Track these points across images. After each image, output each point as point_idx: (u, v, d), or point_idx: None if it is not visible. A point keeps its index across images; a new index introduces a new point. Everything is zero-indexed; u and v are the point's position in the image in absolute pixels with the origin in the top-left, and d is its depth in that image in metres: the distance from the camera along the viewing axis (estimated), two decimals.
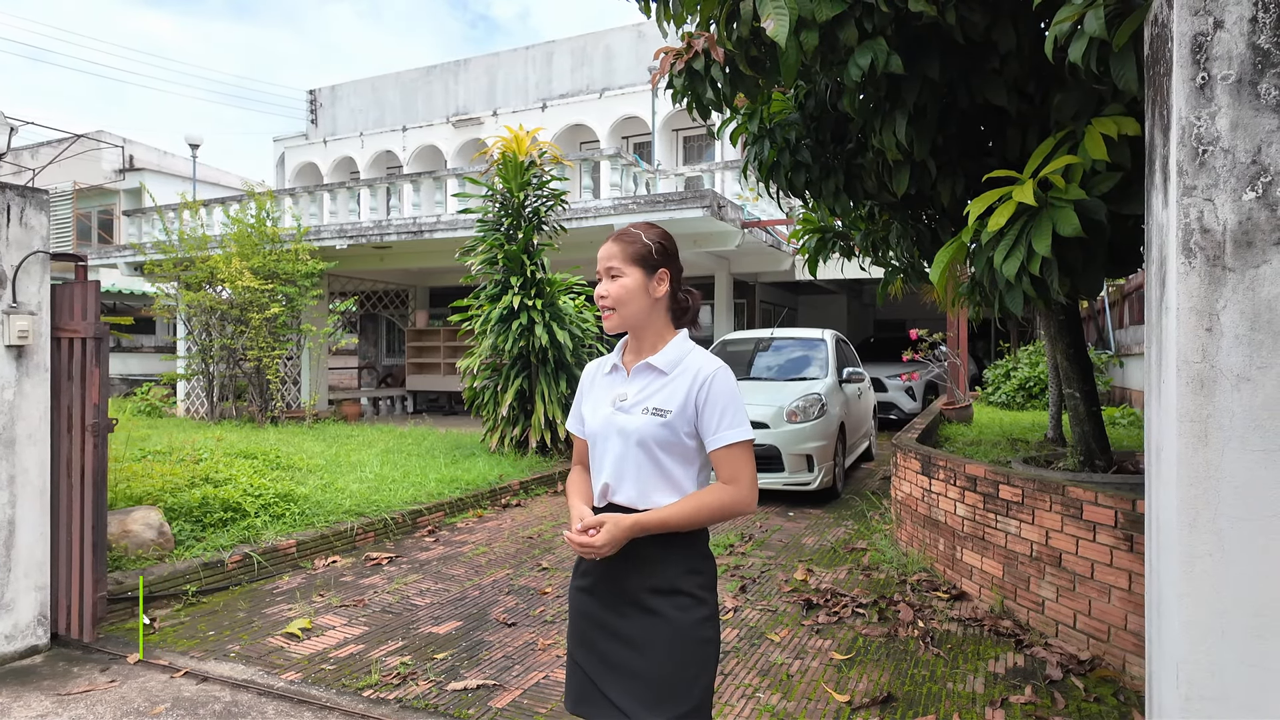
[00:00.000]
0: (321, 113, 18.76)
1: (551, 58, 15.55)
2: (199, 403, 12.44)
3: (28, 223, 3.30)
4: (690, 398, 1.56)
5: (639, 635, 1.55)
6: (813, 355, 7.66)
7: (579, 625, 1.65)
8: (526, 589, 4.26)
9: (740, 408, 1.57)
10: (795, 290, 15.10)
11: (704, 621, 1.56)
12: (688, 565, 1.57)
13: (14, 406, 3.24)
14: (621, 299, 1.61)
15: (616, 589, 1.59)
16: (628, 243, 1.63)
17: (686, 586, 1.56)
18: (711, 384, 1.55)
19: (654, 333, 1.65)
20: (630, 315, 1.63)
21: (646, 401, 1.59)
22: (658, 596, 1.55)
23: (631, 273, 1.61)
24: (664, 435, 1.55)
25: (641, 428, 1.56)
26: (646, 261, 1.62)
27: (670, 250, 1.67)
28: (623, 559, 1.56)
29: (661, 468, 1.57)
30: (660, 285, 1.63)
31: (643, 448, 1.57)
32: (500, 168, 7.96)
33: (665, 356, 1.62)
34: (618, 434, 1.60)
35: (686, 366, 1.59)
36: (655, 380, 1.61)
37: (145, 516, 4.23)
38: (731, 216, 9.17)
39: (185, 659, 3.28)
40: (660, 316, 1.65)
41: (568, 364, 8.12)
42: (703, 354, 1.63)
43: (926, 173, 3.96)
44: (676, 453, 1.57)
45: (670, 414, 1.55)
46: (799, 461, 6.38)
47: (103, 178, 19.68)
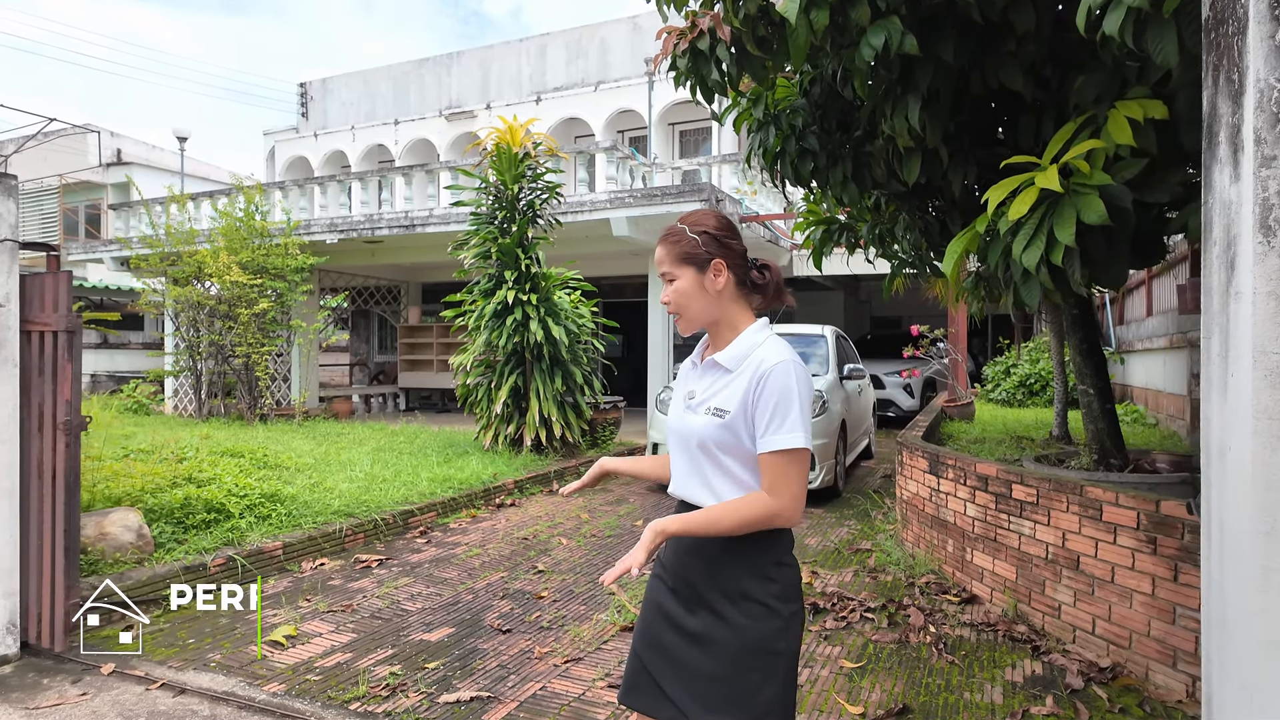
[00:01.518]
0: (312, 106, 18.52)
1: (546, 50, 15.35)
2: (187, 400, 12.23)
3: None
4: (750, 396, 1.44)
5: (705, 634, 1.47)
6: (812, 352, 7.52)
7: (647, 613, 1.59)
8: (522, 593, 4.10)
9: (796, 411, 1.40)
10: (792, 286, 14.95)
11: (776, 633, 1.44)
12: (756, 570, 1.46)
13: None
14: (680, 302, 1.53)
15: (687, 584, 1.52)
16: (673, 242, 1.53)
17: (758, 594, 1.45)
18: (767, 380, 1.42)
19: (727, 324, 1.55)
20: (696, 315, 1.54)
21: (710, 400, 1.49)
22: (726, 601, 1.46)
23: (684, 273, 1.52)
24: (724, 438, 1.45)
25: (702, 429, 1.47)
26: (696, 258, 1.51)
27: (722, 236, 1.54)
28: (691, 554, 1.51)
29: (725, 469, 1.47)
30: (718, 277, 1.52)
31: (704, 450, 1.48)
32: (494, 159, 7.79)
33: (731, 351, 1.51)
34: (684, 434, 1.53)
35: (752, 361, 1.46)
36: (721, 377, 1.51)
37: (123, 518, 4.05)
38: (730, 211, 9.02)
39: (163, 669, 3.12)
40: (731, 306, 1.54)
41: (563, 360, 7.96)
42: (772, 346, 1.48)
43: (938, 161, 3.81)
44: (739, 455, 1.46)
45: (730, 414, 1.44)
46: None
47: (90, 172, 19.39)
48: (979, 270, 5.46)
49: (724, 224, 1.56)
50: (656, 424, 6.92)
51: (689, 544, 1.51)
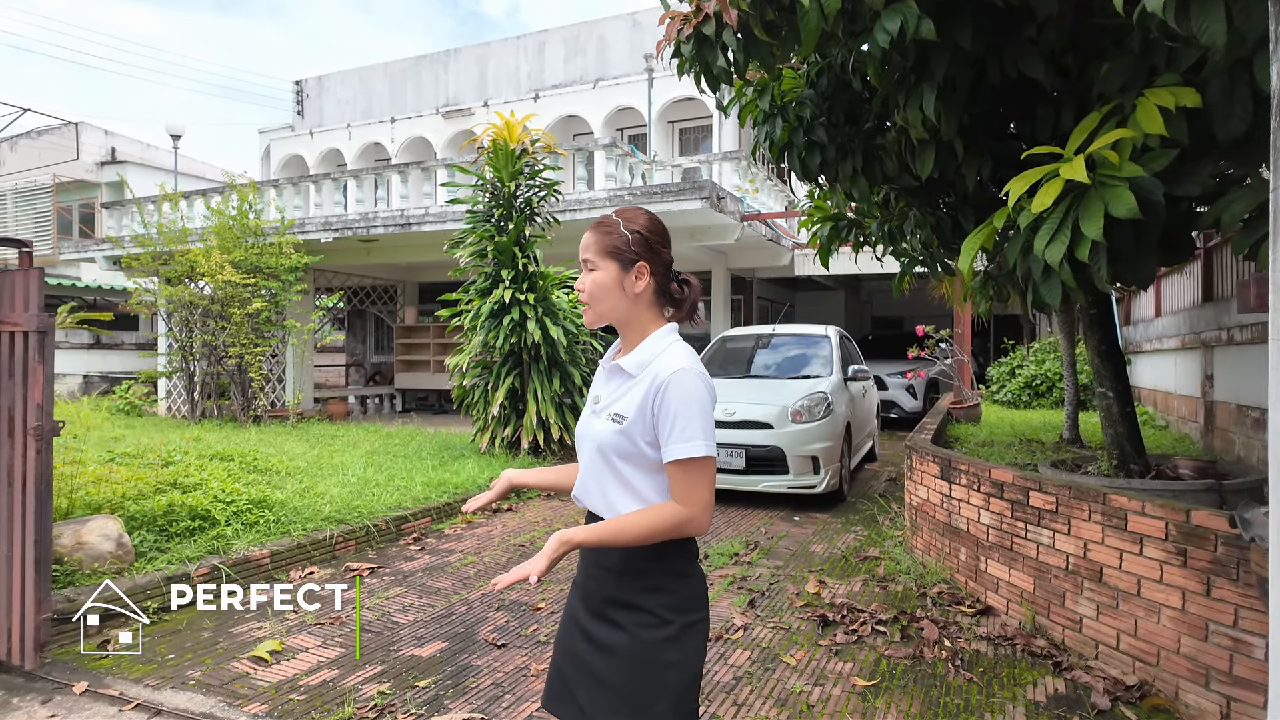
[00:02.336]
0: (308, 104, 18.33)
1: (544, 47, 15.19)
2: (180, 401, 12.05)
3: None
4: (648, 404, 1.41)
5: (607, 643, 1.46)
6: (816, 352, 7.37)
7: (565, 619, 1.59)
8: (518, 604, 3.94)
9: (697, 418, 1.37)
10: (793, 286, 14.81)
11: (664, 644, 1.42)
12: (648, 581, 1.44)
13: None
14: (594, 294, 1.49)
15: (591, 593, 1.51)
16: (604, 232, 1.49)
17: (647, 604, 1.43)
18: (667, 389, 1.38)
19: (637, 329, 1.51)
20: (605, 312, 1.50)
21: (612, 405, 1.47)
22: (620, 610, 1.45)
23: (605, 266, 1.47)
24: (621, 444, 1.42)
25: (600, 434, 1.46)
26: (621, 254, 1.47)
27: (653, 240, 1.50)
28: (594, 564, 1.50)
29: (621, 478, 1.45)
30: (639, 280, 1.48)
31: (602, 456, 1.46)
32: (490, 156, 7.63)
33: (635, 357, 1.48)
34: (586, 440, 1.51)
35: (653, 369, 1.43)
36: (625, 382, 1.48)
37: (103, 526, 3.89)
38: (731, 209, 8.86)
39: (138, 688, 2.95)
40: (645, 312, 1.51)
41: (561, 361, 7.81)
42: (674, 354, 1.44)
43: (952, 153, 3.65)
44: (637, 463, 1.43)
45: (627, 420, 1.42)
46: (804, 463, 6.09)
47: (84, 171, 19.19)
48: (988, 269, 5.32)
49: (658, 228, 1.52)
50: None
51: (594, 552, 1.50)
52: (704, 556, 4.75)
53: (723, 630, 3.54)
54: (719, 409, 6.33)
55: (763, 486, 6.13)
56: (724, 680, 3.05)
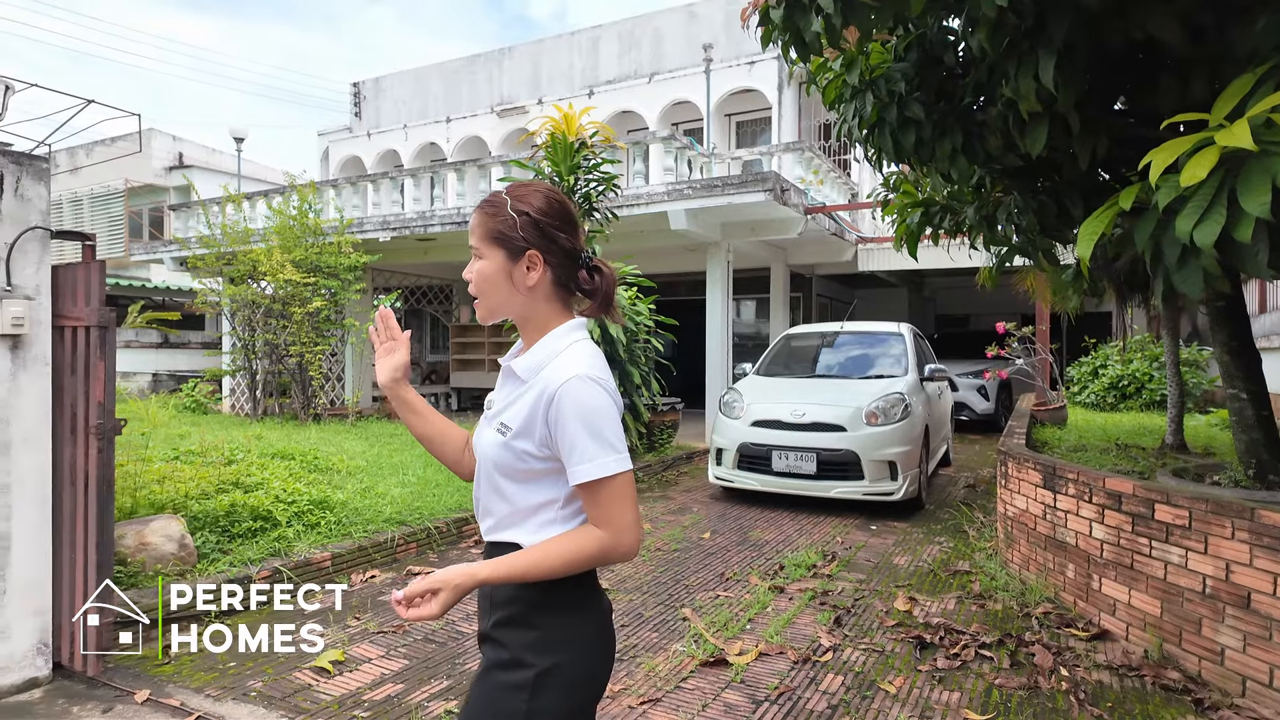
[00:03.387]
0: (365, 106, 18.58)
1: (598, 43, 15.03)
2: (243, 399, 12.26)
3: (24, 194, 2.88)
4: (538, 415, 1.21)
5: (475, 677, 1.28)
6: (889, 351, 6.99)
7: None
8: None
9: (601, 432, 1.18)
10: (852, 283, 14.33)
11: (508, 692, 1.19)
12: (511, 610, 1.23)
13: (7, 405, 2.82)
14: (480, 287, 1.27)
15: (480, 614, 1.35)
16: (488, 214, 1.26)
17: (503, 638, 1.23)
18: (559, 402, 1.18)
19: (536, 326, 1.29)
20: (496, 307, 1.29)
21: (500, 415, 1.27)
22: (484, 643, 1.29)
23: (491, 255, 1.25)
24: (503, 458, 1.24)
25: (487, 446, 1.27)
26: (508, 241, 1.24)
27: (547, 224, 1.25)
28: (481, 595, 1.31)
29: (504, 495, 1.26)
30: (530, 271, 1.25)
31: (484, 471, 1.29)
32: (548, 150, 7.46)
33: (527, 359, 1.27)
34: (477, 449, 1.32)
35: (543, 375, 1.22)
36: (515, 389, 1.28)
37: (165, 527, 3.81)
38: (795, 201, 8.52)
39: (199, 698, 2.83)
40: (543, 306, 1.28)
41: (620, 360, 7.59)
42: (570, 357, 1.23)
43: (1065, 129, 3.29)
44: (520, 478, 1.24)
45: (511, 431, 1.23)
46: (881, 469, 5.74)
47: (153, 175, 19.83)
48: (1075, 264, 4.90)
49: (554, 208, 1.27)
50: (720, 428, 6.49)
51: None
52: (780, 567, 4.46)
53: (810, 651, 3.25)
54: (787, 410, 6.02)
55: (835, 493, 5.80)
56: (818, 709, 2.78)
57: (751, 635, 3.45)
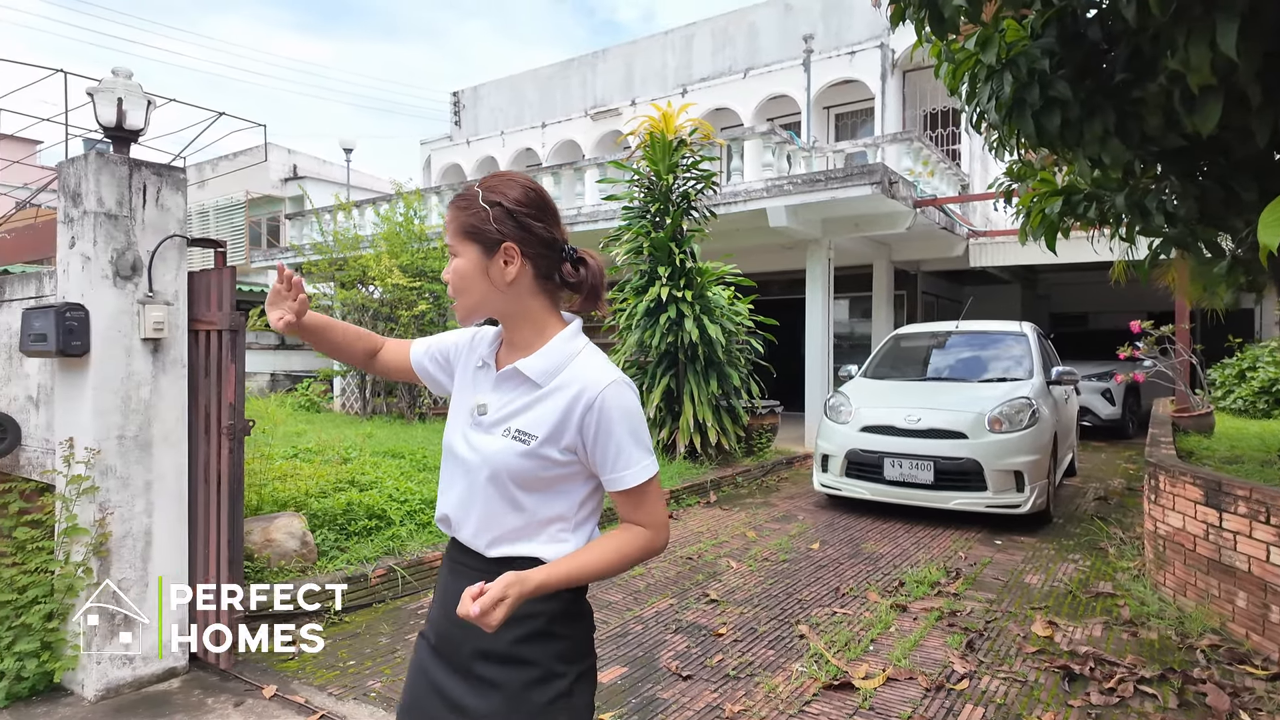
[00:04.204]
0: (465, 114, 19.14)
1: (691, 41, 14.89)
2: (353, 398, 12.82)
3: (164, 204, 3.01)
4: (571, 423, 1.17)
5: (471, 707, 1.19)
6: (1009, 352, 6.52)
7: (414, 680, 1.29)
8: (696, 627, 3.60)
9: (642, 437, 1.20)
10: (961, 280, 13.60)
11: (556, 704, 1.17)
12: (533, 626, 1.18)
13: (150, 406, 2.96)
14: (459, 286, 1.22)
15: (452, 646, 1.24)
16: (460, 208, 1.21)
17: (532, 655, 1.18)
18: (603, 408, 1.16)
19: (528, 324, 1.24)
20: (475, 305, 1.22)
21: (510, 420, 1.21)
22: (492, 665, 1.19)
23: (465, 250, 1.20)
24: (526, 467, 1.18)
25: (496, 455, 1.19)
26: (482, 235, 1.19)
27: (522, 214, 1.19)
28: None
29: (518, 507, 1.20)
30: (509, 265, 1.19)
31: (495, 482, 1.19)
32: (647, 149, 7.39)
33: (539, 362, 1.21)
34: (468, 456, 1.23)
35: (568, 379, 1.19)
36: (526, 393, 1.22)
37: (288, 524, 3.94)
38: (903, 194, 8.12)
39: (322, 696, 2.88)
40: (530, 301, 1.23)
41: (719, 362, 7.43)
42: (592, 360, 1.21)
43: (1240, 103, 2.91)
44: (540, 488, 1.20)
45: (537, 439, 1.17)
46: (1005, 479, 5.34)
47: (271, 186, 21.12)
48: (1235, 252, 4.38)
49: (530, 197, 1.21)
50: (826, 433, 6.22)
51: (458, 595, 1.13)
52: (900, 584, 4.20)
53: (943, 678, 3.01)
54: (900, 415, 5.71)
55: (954, 504, 5.44)
56: None
57: (876, 657, 3.23)
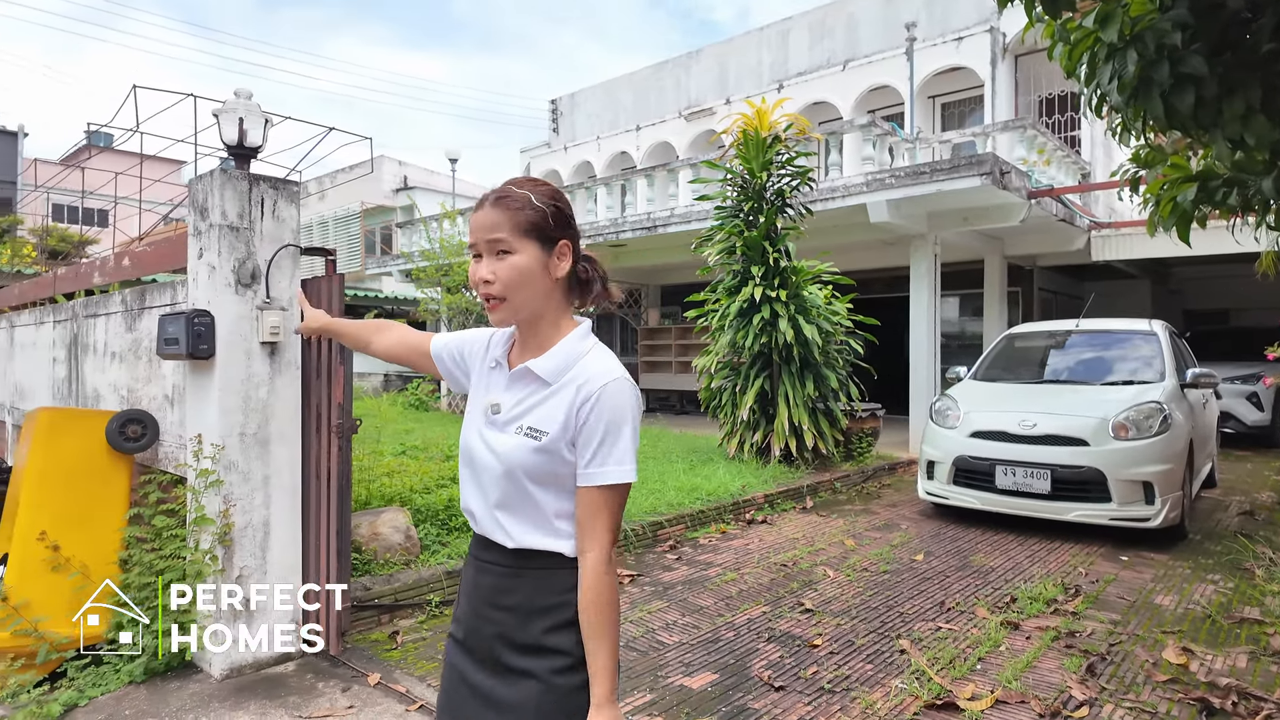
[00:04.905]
0: (562, 121, 19.55)
1: (787, 36, 14.61)
2: (458, 398, 13.34)
3: (280, 215, 3.21)
4: (572, 414, 1.21)
5: (510, 700, 1.24)
6: (1138, 352, 6.02)
7: (449, 682, 1.34)
8: (790, 636, 3.51)
9: (629, 438, 1.21)
10: (1082, 275, 12.68)
11: (584, 688, 1.21)
12: (560, 616, 1.23)
13: (267, 405, 3.16)
14: (514, 283, 1.23)
15: (482, 641, 1.29)
16: (515, 208, 1.23)
17: (560, 644, 1.22)
18: (599, 401, 1.20)
19: (548, 324, 1.29)
20: (524, 304, 1.25)
21: (522, 419, 1.25)
22: (523, 656, 1.24)
23: (525, 248, 1.23)
24: (538, 464, 1.22)
25: (510, 453, 1.23)
26: (543, 232, 1.24)
27: (569, 213, 1.29)
28: (490, 605, 1.28)
29: (533, 503, 1.24)
30: (562, 262, 1.26)
31: (510, 479, 1.24)
32: (740, 147, 7.29)
33: (550, 360, 1.26)
34: (483, 455, 1.27)
35: (575, 375, 1.23)
36: (536, 391, 1.26)
37: (394, 519, 4.13)
38: (1016, 185, 7.64)
39: (421, 686, 2.99)
40: (558, 302, 1.29)
41: (815, 363, 7.24)
42: (600, 358, 1.25)
43: None
44: (555, 484, 1.23)
45: (548, 435, 1.21)
46: (1133, 490, 4.92)
47: (383, 197, 22.32)
48: None
49: (564, 199, 1.29)
50: (931, 438, 5.94)
51: (488, 590, 1.28)
52: (1011, 600, 3.94)
53: (1059, 704, 2.79)
54: (1014, 419, 5.37)
55: (1074, 516, 5.06)
56: None
57: (984, 678, 3.04)
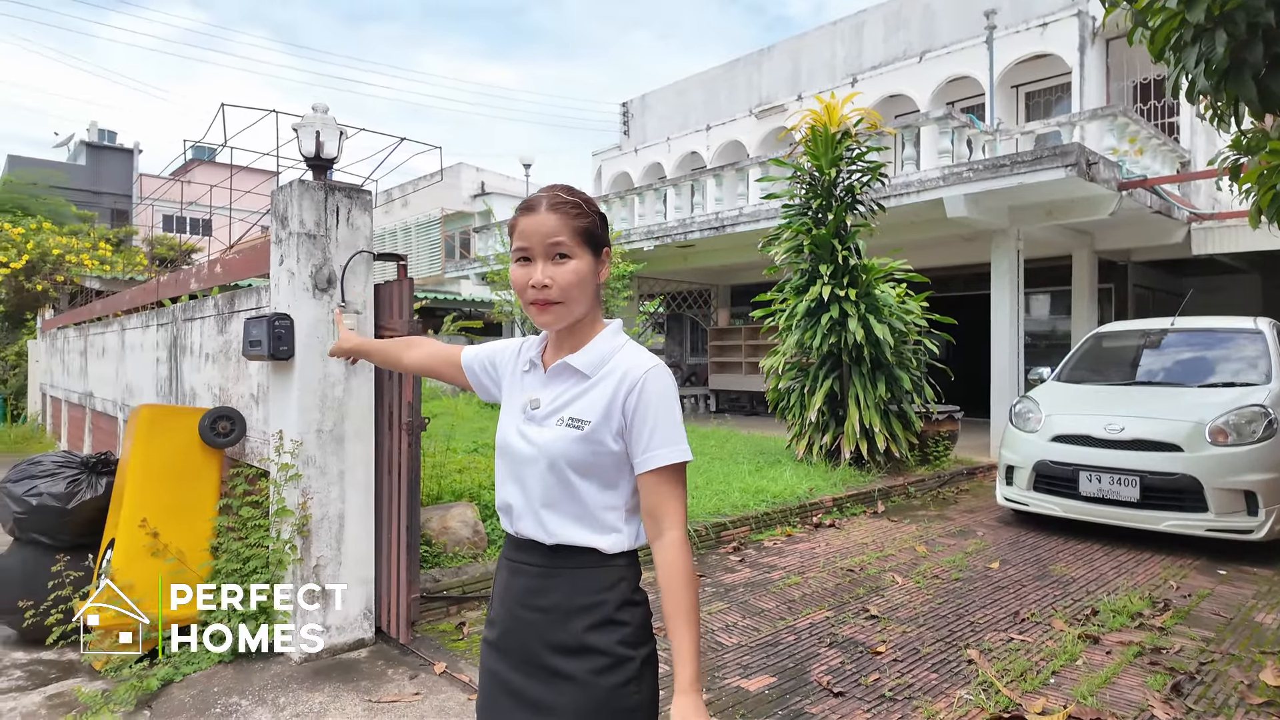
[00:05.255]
0: (633, 123, 19.69)
1: (862, 29, 14.27)
2: None
3: (354, 223, 3.38)
4: (616, 404, 1.24)
5: (550, 703, 1.24)
6: (1240, 353, 5.61)
7: (486, 687, 1.36)
8: (853, 643, 3.44)
9: (680, 419, 1.26)
10: (1182, 270, 11.87)
11: (626, 687, 1.23)
12: (599, 615, 1.25)
13: (342, 404, 3.33)
14: (571, 287, 1.25)
15: (521, 644, 1.29)
16: (575, 214, 1.26)
17: (601, 644, 1.24)
18: (644, 387, 1.23)
19: (586, 324, 1.33)
20: (577, 308, 1.28)
21: (563, 410, 1.28)
22: (563, 656, 1.24)
23: (582, 255, 1.26)
24: (581, 453, 1.24)
25: (552, 444, 1.26)
26: (596, 240, 1.29)
27: (606, 224, 1.35)
28: (524, 606, 1.29)
29: (575, 495, 1.26)
30: (604, 268, 1.32)
31: (554, 471, 1.26)
32: (808, 144, 7.18)
33: (588, 355, 1.30)
34: (524, 449, 1.29)
35: (614, 367, 1.27)
36: (575, 384, 1.29)
37: (462, 514, 4.28)
38: (1105, 176, 7.24)
39: None
40: (595, 304, 1.33)
41: (887, 363, 7.05)
42: (635, 351, 1.30)
43: None
44: (595, 475, 1.26)
45: (590, 424, 1.24)
46: (1233, 499, 4.59)
47: (462, 203, 23.03)
48: None
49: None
50: (1010, 442, 5.70)
51: (523, 592, 1.30)
52: (1092, 612, 3.75)
53: None
54: (1101, 424, 5.11)
55: (1166, 526, 4.76)
56: None
57: (1056, 692, 2.91)
